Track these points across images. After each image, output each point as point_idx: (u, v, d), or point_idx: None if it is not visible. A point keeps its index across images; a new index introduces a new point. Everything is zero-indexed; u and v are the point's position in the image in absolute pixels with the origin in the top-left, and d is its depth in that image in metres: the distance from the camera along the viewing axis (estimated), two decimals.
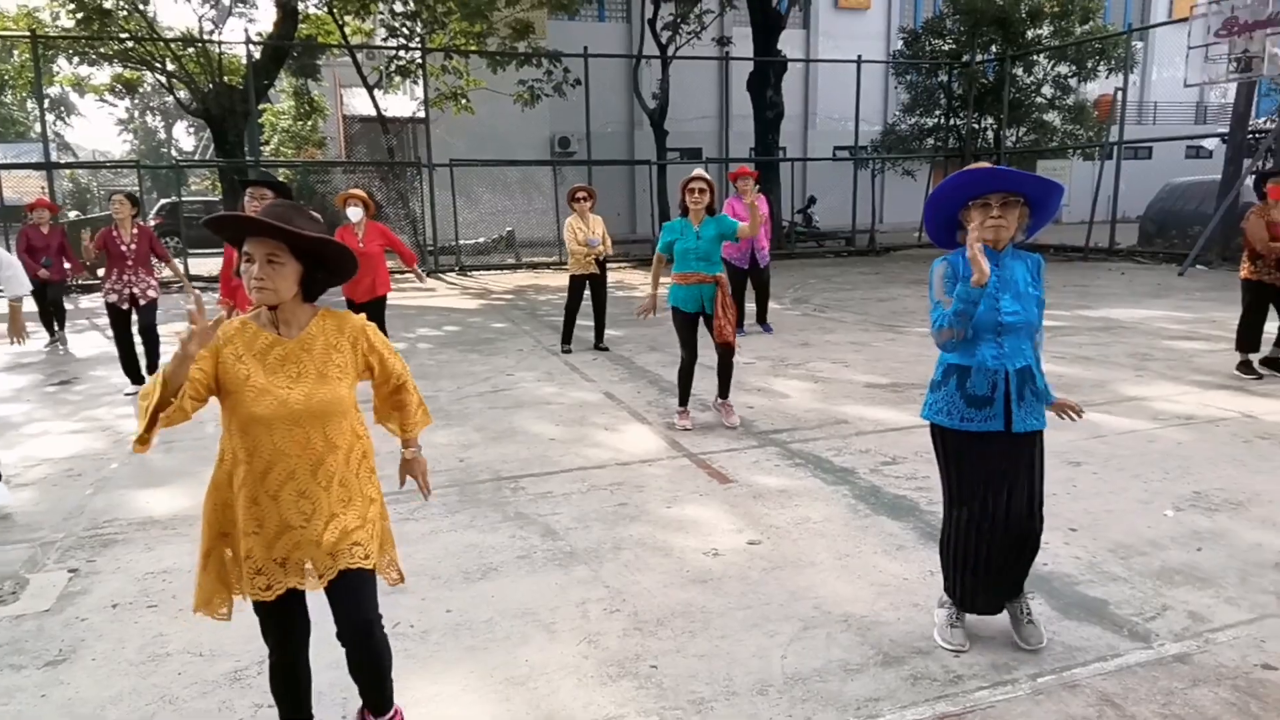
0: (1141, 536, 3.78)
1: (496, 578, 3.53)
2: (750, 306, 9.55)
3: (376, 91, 18.70)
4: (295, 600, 2.22)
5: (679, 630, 3.07)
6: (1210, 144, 25.14)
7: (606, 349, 8.50)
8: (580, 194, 8.21)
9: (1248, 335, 6.70)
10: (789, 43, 24.04)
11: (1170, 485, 4.40)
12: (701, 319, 5.62)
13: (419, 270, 8.03)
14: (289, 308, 2.13)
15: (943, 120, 21.62)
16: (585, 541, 3.87)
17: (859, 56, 19.73)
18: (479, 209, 20.16)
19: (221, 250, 7.98)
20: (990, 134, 20.85)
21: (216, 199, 24.52)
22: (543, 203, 19.64)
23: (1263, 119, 16.61)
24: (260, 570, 2.12)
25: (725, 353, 5.64)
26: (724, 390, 5.79)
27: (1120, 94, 17.62)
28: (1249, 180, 11.04)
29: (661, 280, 5.86)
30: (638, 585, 3.43)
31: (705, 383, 6.08)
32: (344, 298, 6.90)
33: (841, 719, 2.53)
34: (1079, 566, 3.51)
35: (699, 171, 5.65)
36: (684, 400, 5.76)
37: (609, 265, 8.61)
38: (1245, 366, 6.70)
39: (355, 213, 6.66)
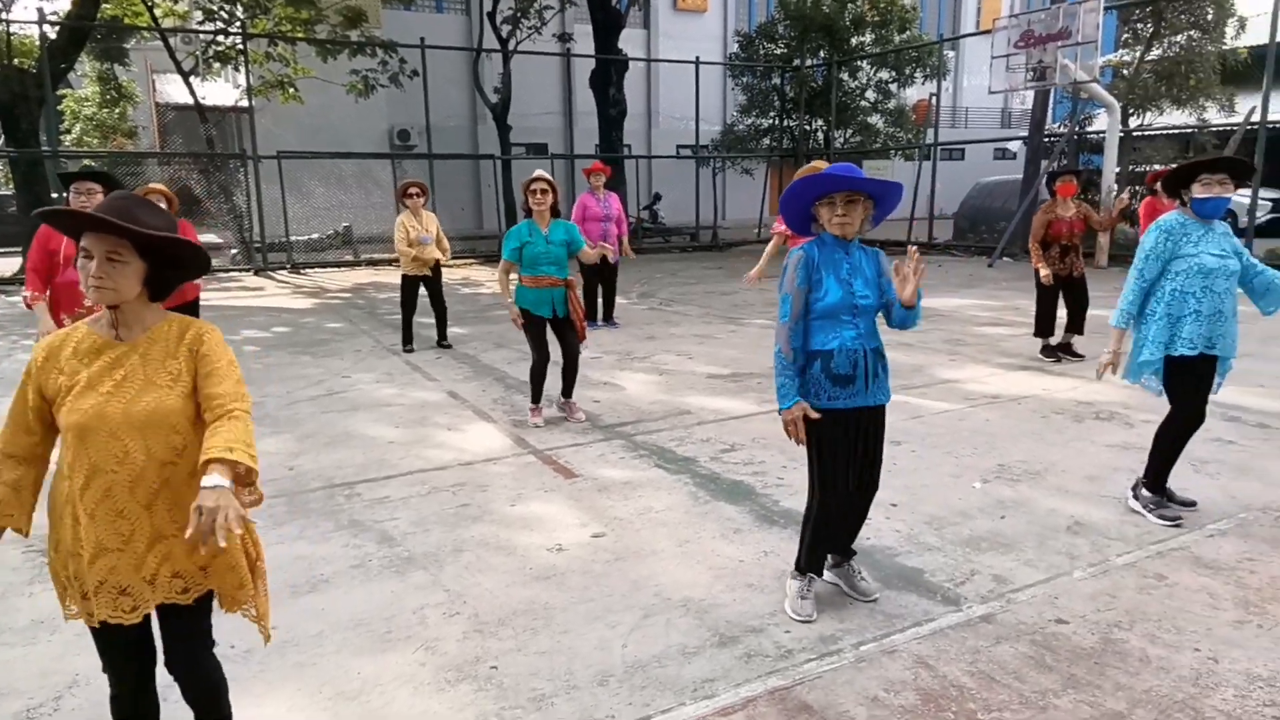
0: (953, 508, 4.08)
1: (327, 590, 3.36)
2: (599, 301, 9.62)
3: (193, 78, 17.41)
4: (132, 626, 2.02)
5: (521, 629, 3.03)
6: (1014, 146, 27.49)
7: (449, 346, 8.30)
8: (412, 189, 7.93)
9: (1042, 322, 7.38)
10: (630, 42, 24.33)
11: (978, 460, 4.77)
12: (551, 320, 5.57)
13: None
14: (131, 308, 1.93)
15: (777, 121, 22.52)
16: (424, 546, 3.76)
17: (697, 58, 20.23)
18: (312, 204, 19.17)
19: (19, 249, 7.12)
20: (821, 135, 21.90)
21: (8, 192, 22.08)
22: (381, 197, 18.93)
23: (1057, 124, 18.30)
24: (86, 595, 1.93)
25: (572, 354, 5.64)
26: (568, 390, 5.77)
27: (934, 99, 18.94)
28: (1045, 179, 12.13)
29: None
30: (479, 586, 3.36)
31: (554, 378, 6.04)
32: None
33: (679, 701, 2.58)
34: (898, 539, 3.74)
35: (540, 173, 5.60)
36: (537, 398, 5.69)
37: (451, 262, 8.40)
38: (1045, 350, 7.37)
39: None
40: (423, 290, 8.15)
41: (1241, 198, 15.49)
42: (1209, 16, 15.21)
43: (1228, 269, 3.68)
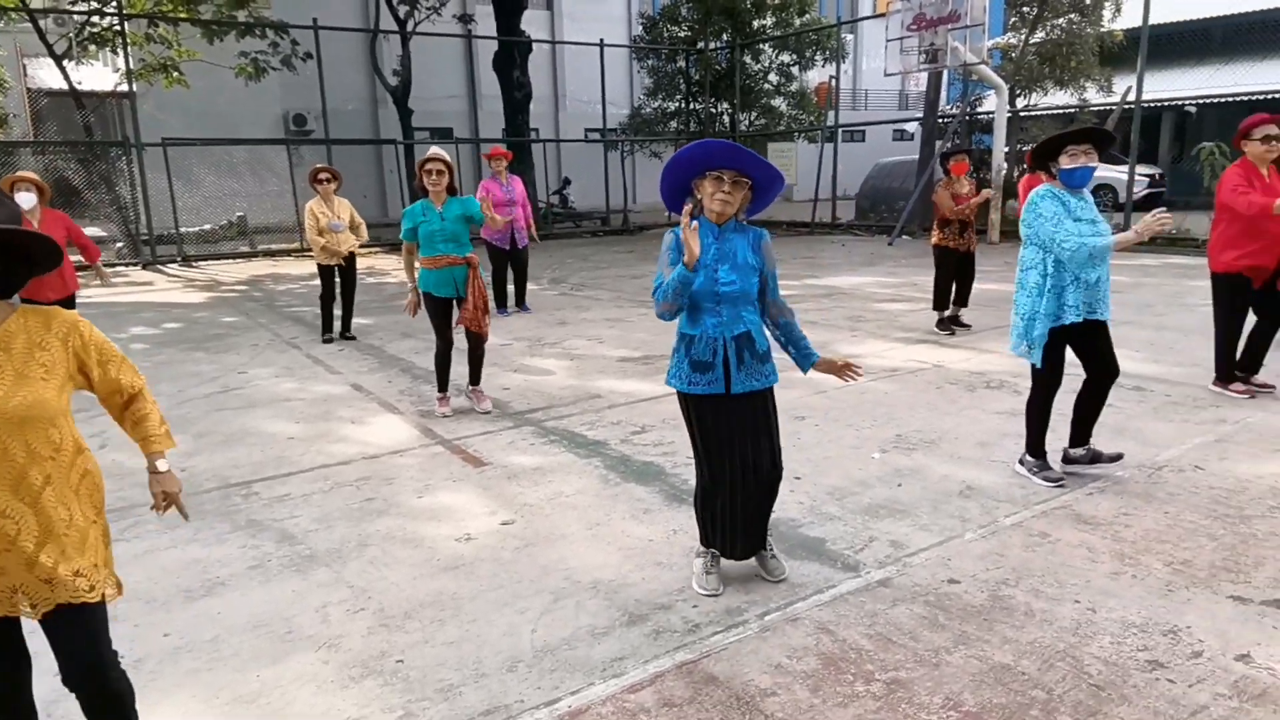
0: (854, 478, 4.21)
1: (224, 593, 3.24)
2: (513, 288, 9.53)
3: (67, 62, 16.34)
4: (6, 632, 1.92)
5: (428, 620, 2.99)
6: (912, 128, 28.35)
7: (354, 338, 8.08)
8: (323, 175, 7.68)
9: (940, 296, 7.66)
10: (533, 23, 24.00)
11: (878, 431, 4.93)
12: (456, 303, 5.47)
13: (101, 268, 6.75)
14: None
15: (684, 104, 22.64)
16: (327, 542, 3.66)
17: (601, 40, 20.13)
18: (202, 193, 18.30)
19: None
20: (727, 118, 22.13)
21: None
22: (277, 185, 18.21)
23: (950, 105, 18.95)
24: None
25: (477, 340, 5.55)
26: (475, 377, 5.69)
27: (834, 82, 19.35)
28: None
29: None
30: (384, 581, 3.30)
31: (462, 366, 5.96)
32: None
33: (588, 682, 2.59)
34: (802, 510, 3.84)
35: (435, 150, 5.47)
36: (443, 386, 5.59)
37: (359, 251, 8.15)
38: (941, 323, 7.66)
39: (27, 199, 5.72)
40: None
41: (1119, 174, 16.39)
42: (1087, 1, 15.96)
43: (1100, 234, 3.88)
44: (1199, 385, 5.55)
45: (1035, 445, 4.13)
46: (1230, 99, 18.95)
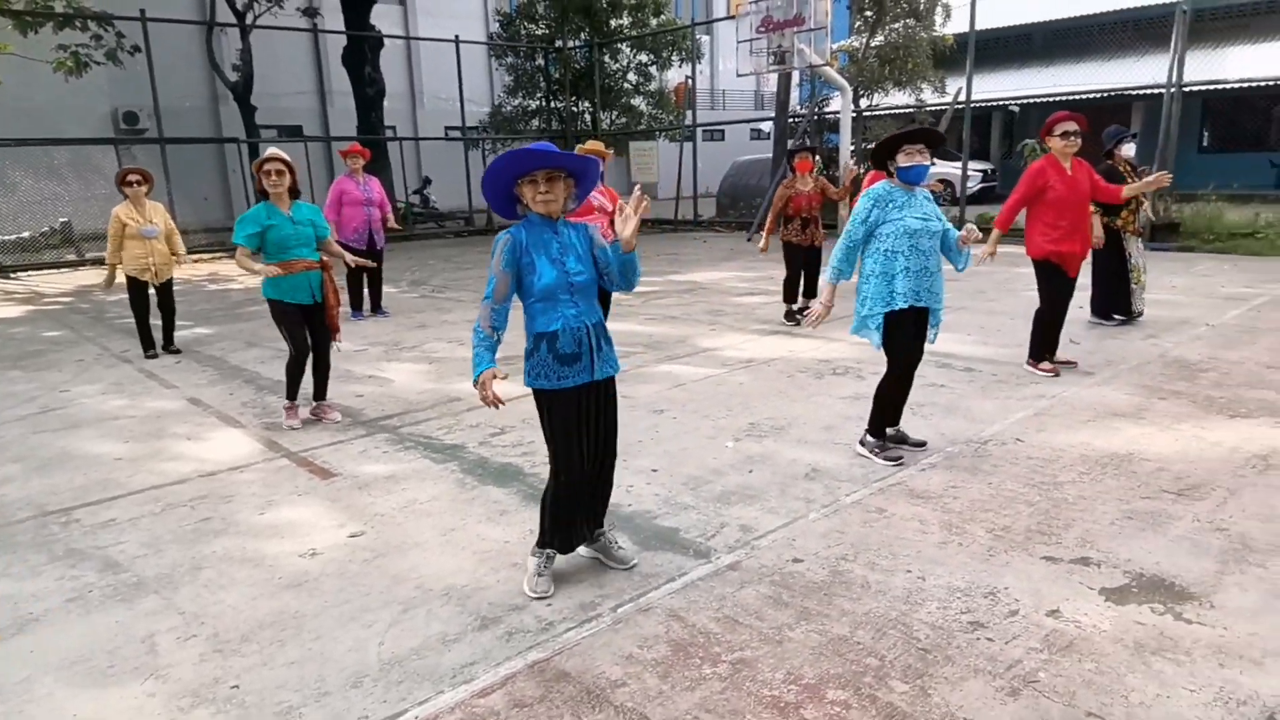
0: (708, 467, 4.31)
1: (37, 629, 2.98)
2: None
3: None
4: None
5: (267, 642, 2.85)
6: (766, 127, 29.27)
7: (178, 351, 7.54)
8: (131, 177, 7.11)
9: (787, 288, 7.97)
10: (385, 18, 23.27)
11: (732, 420, 5.07)
12: (310, 309, 5.21)
13: None
14: None
15: (545, 102, 22.53)
16: (157, 568, 3.43)
17: (457, 36, 19.74)
18: (19, 198, 16.77)
19: None
20: (588, 116, 22.18)
21: None
22: (106, 188, 16.71)
23: (800, 105, 19.70)
24: None
25: (327, 348, 5.33)
26: (321, 392, 5.41)
27: (690, 82, 19.73)
28: None
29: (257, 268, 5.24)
30: (220, 604, 3.12)
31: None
32: None
33: (437, 690, 2.54)
34: (657, 502, 3.90)
35: (274, 150, 5.21)
36: (292, 395, 5.30)
37: (189, 257, 7.64)
38: (789, 315, 7.95)
39: None
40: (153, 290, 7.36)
41: (956, 169, 17.49)
42: (921, 5, 16.95)
43: (930, 229, 4.14)
44: (1022, 365, 6.00)
45: (876, 427, 4.36)
46: (1049, 99, 20.56)
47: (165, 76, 16.15)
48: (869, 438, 4.37)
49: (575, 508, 3.16)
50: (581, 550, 3.34)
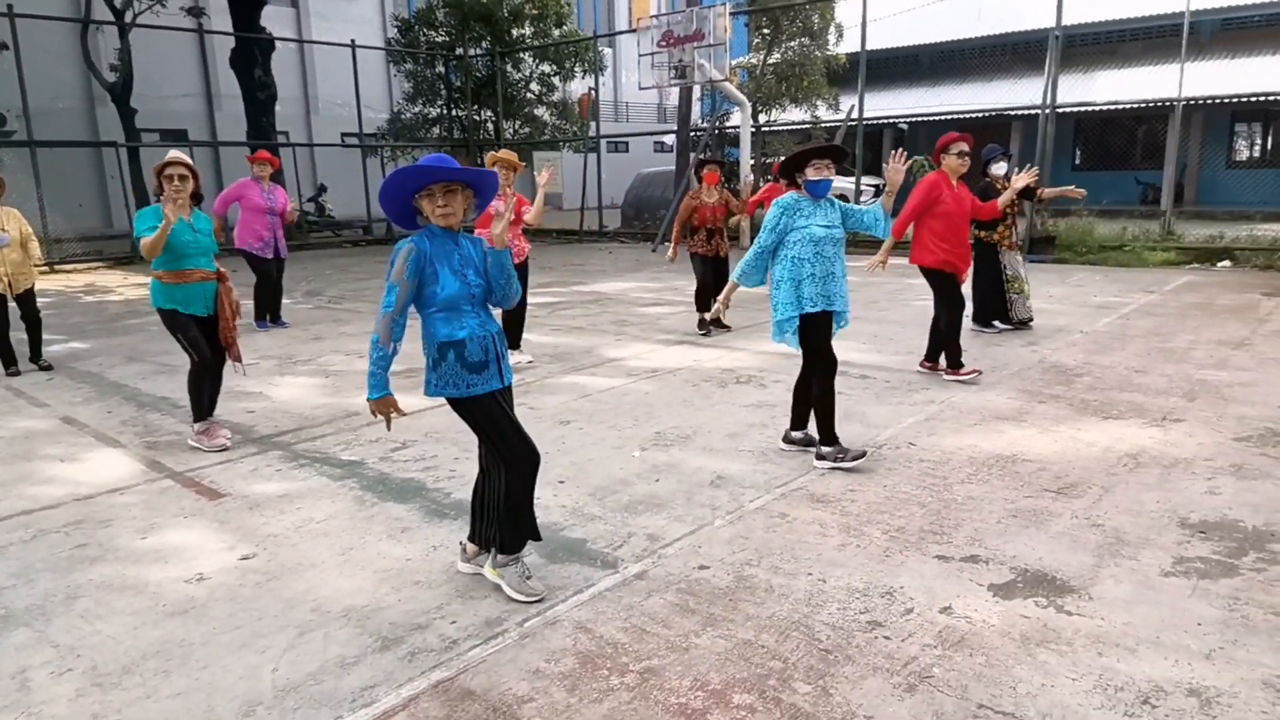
0: (615, 478, 4.31)
1: None
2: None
3: None
4: None
5: (151, 673, 2.69)
6: (670, 139, 29.65)
7: (50, 367, 7.08)
8: None
9: (698, 298, 8.08)
10: (277, 21, 22.51)
11: (638, 430, 5.09)
12: (203, 321, 4.96)
13: None
14: None
15: (446, 111, 22.19)
16: (27, 599, 3.20)
17: (353, 40, 19.26)
18: None
19: None
20: (490, 125, 21.98)
21: None
22: None
23: (702, 119, 20.06)
24: None
25: (221, 362, 5.09)
26: (212, 407, 5.16)
27: (593, 93, 19.81)
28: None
29: (146, 278, 4.95)
30: (98, 635, 2.93)
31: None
32: None
33: (336, 715, 2.45)
34: (565, 514, 3.88)
35: (175, 154, 4.95)
36: (200, 411, 5.00)
37: (63, 268, 7.17)
38: (701, 324, 8.06)
39: None
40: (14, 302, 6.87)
41: (847, 183, 18.12)
42: (815, 25, 17.54)
43: (834, 237, 4.30)
44: (912, 371, 6.25)
45: (826, 435, 4.39)
46: (936, 117, 21.59)
47: (36, 75, 15.18)
48: (824, 449, 4.40)
49: (531, 493, 3.13)
50: (462, 566, 3.30)
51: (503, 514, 3.11)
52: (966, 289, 6.35)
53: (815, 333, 4.34)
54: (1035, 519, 3.68)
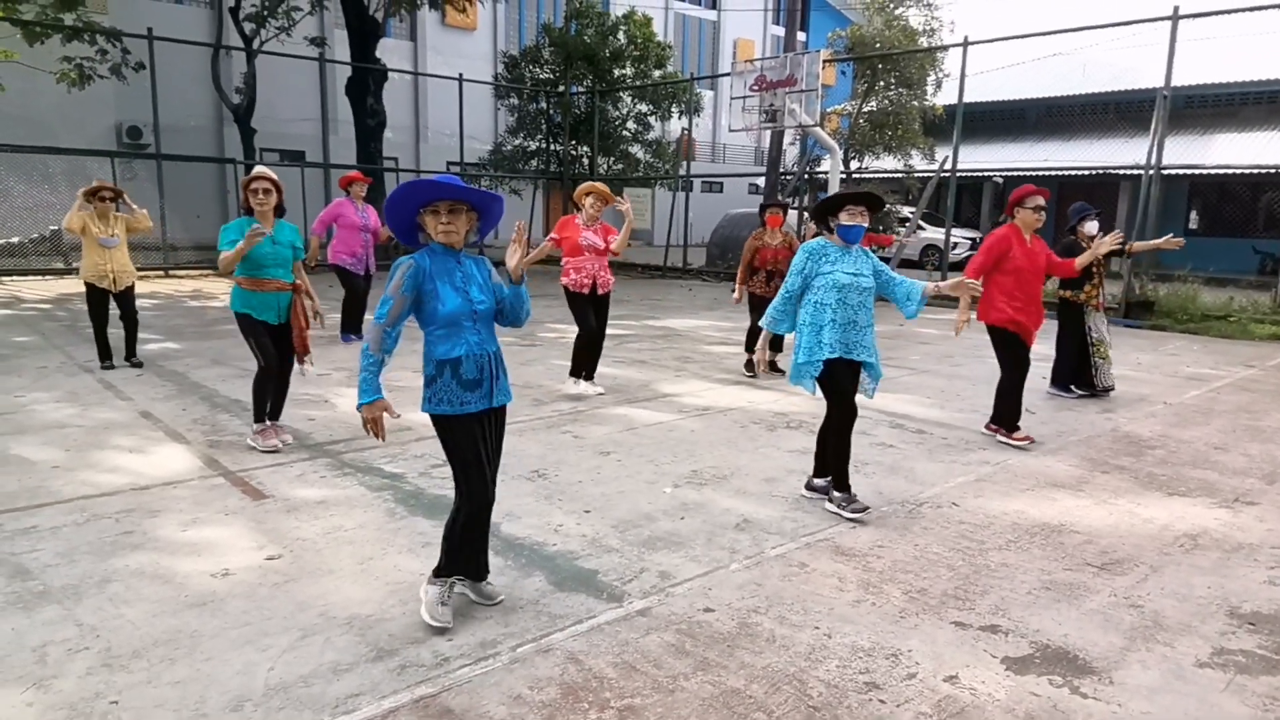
0: (641, 512, 4.30)
1: None
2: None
3: None
4: None
5: (157, 659, 2.81)
6: (761, 181, 29.70)
7: (140, 364, 7.54)
8: (105, 192, 7.22)
9: (749, 338, 8.04)
10: (396, 53, 23.73)
11: (675, 466, 5.07)
12: (275, 328, 5.23)
13: None
14: None
15: (545, 144, 22.85)
16: (66, 578, 3.39)
17: (460, 74, 20.08)
18: (11, 204, 16.85)
19: None
20: (586, 160, 22.49)
21: None
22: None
23: (793, 163, 20.02)
24: None
25: (288, 369, 5.36)
26: (276, 411, 5.41)
27: (686, 134, 20.06)
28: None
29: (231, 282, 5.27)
30: (120, 619, 3.08)
31: None
32: None
33: (316, 719, 2.51)
34: (583, 543, 3.88)
35: (261, 169, 5.29)
36: (260, 415, 5.25)
37: (173, 273, 7.69)
38: (749, 365, 7.99)
39: None
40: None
41: (937, 234, 17.73)
42: (913, 76, 17.35)
43: (859, 285, 4.22)
44: (973, 430, 6.03)
45: (840, 481, 4.34)
46: (1037, 173, 20.95)
47: (170, 95, 16.39)
48: (835, 493, 4.34)
49: (484, 531, 3.18)
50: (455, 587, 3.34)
51: (448, 535, 3.16)
52: (1048, 349, 6.10)
53: (835, 380, 4.26)
54: (1069, 593, 3.48)
